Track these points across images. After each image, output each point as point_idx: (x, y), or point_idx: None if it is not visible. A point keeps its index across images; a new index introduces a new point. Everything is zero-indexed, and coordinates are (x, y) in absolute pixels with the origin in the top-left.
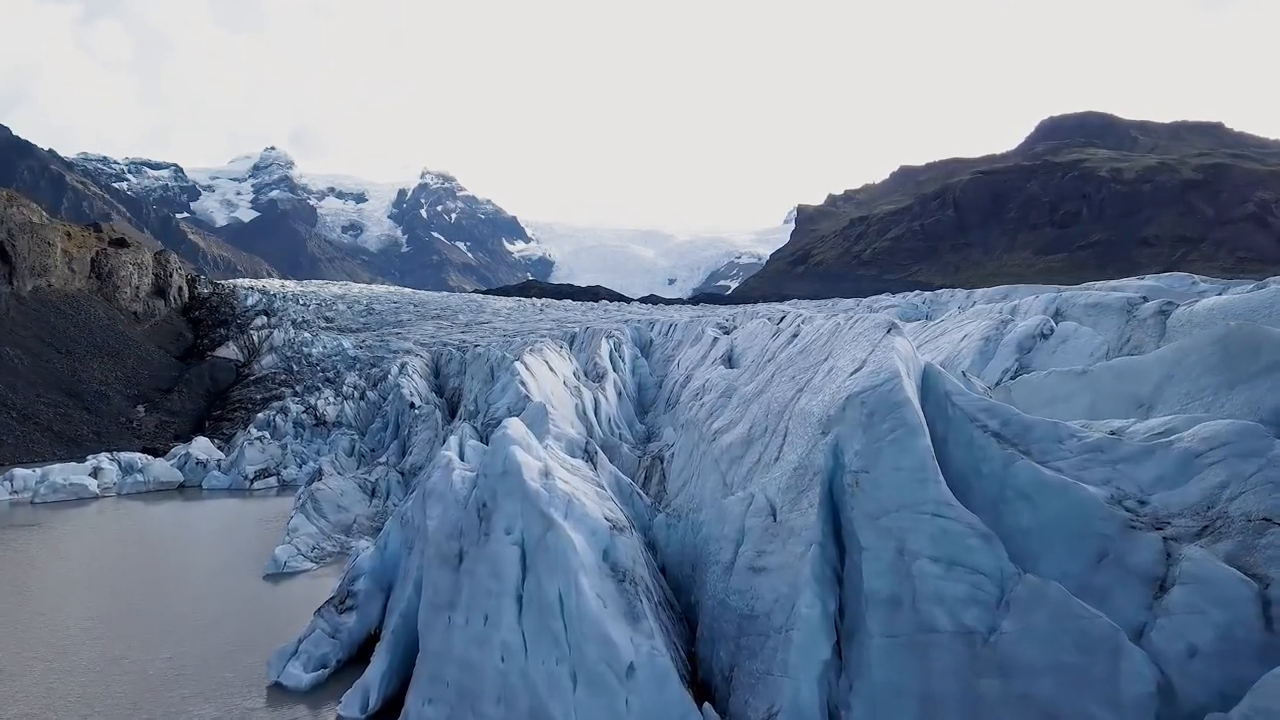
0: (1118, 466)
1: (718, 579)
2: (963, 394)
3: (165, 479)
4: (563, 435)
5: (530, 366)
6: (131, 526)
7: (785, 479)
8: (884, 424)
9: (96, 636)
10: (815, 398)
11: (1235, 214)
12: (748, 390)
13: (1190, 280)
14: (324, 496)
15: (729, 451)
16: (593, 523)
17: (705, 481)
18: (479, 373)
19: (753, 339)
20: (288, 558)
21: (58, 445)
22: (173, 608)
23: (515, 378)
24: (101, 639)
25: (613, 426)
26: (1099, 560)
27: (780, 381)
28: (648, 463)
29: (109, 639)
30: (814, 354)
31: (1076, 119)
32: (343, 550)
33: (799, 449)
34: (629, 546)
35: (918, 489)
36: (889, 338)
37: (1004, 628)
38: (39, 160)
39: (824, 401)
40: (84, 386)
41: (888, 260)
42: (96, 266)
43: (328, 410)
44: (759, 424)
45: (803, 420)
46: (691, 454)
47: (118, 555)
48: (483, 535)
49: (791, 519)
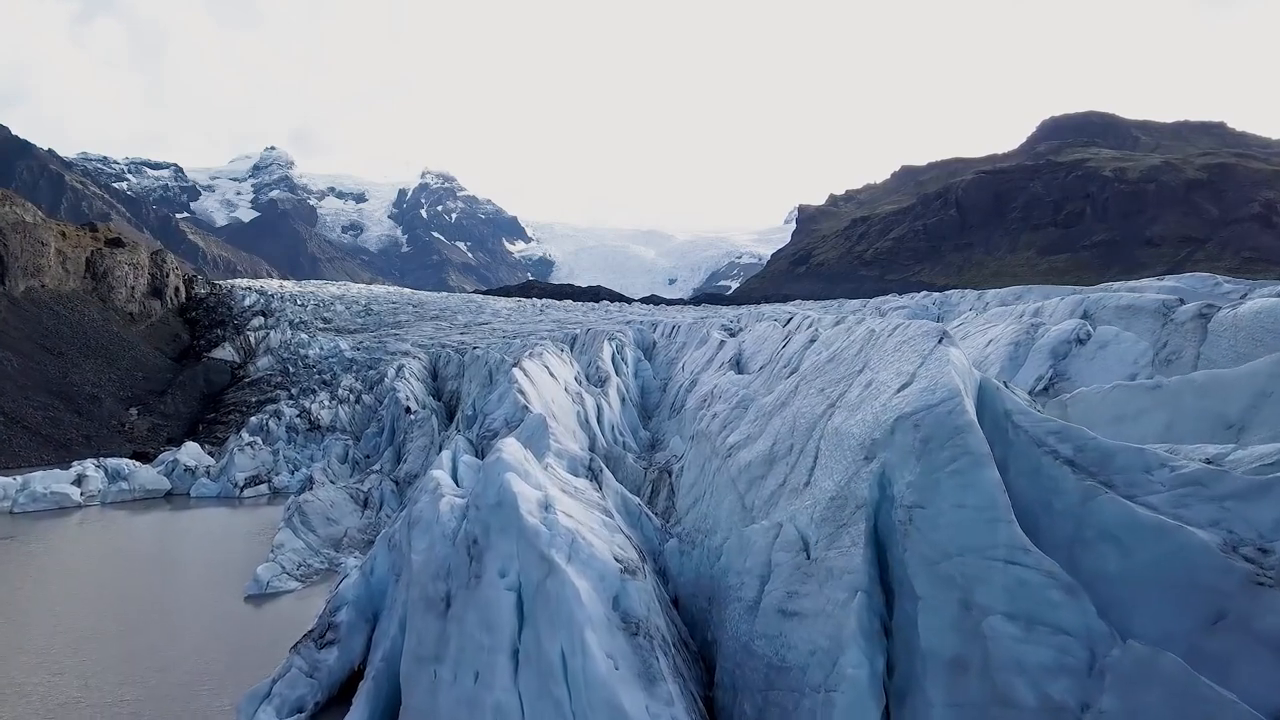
0: (1226, 504)
1: (740, 618)
2: (1026, 413)
3: (152, 487)
4: (564, 451)
5: (529, 372)
6: (110, 540)
7: (820, 509)
8: (942, 451)
9: (54, 673)
10: (853, 416)
11: (1241, 214)
12: (766, 402)
13: (1213, 281)
14: (312, 509)
15: (748, 470)
16: (601, 565)
17: (720, 501)
18: (477, 375)
19: (762, 342)
20: (271, 577)
21: (45, 449)
22: (143, 636)
23: (513, 386)
24: (58, 675)
25: (616, 434)
26: (1214, 622)
27: (807, 394)
28: (654, 475)
29: (66, 675)
30: (846, 364)
31: (1078, 118)
32: (331, 567)
33: (835, 475)
34: (642, 591)
35: (986, 530)
36: (941, 349)
37: (1103, 705)
38: (38, 160)
39: (865, 421)
40: (75, 389)
41: (890, 260)
42: (92, 266)
43: (322, 414)
44: (782, 441)
45: (838, 441)
46: (703, 468)
47: (91, 573)
48: (473, 577)
49: (829, 558)
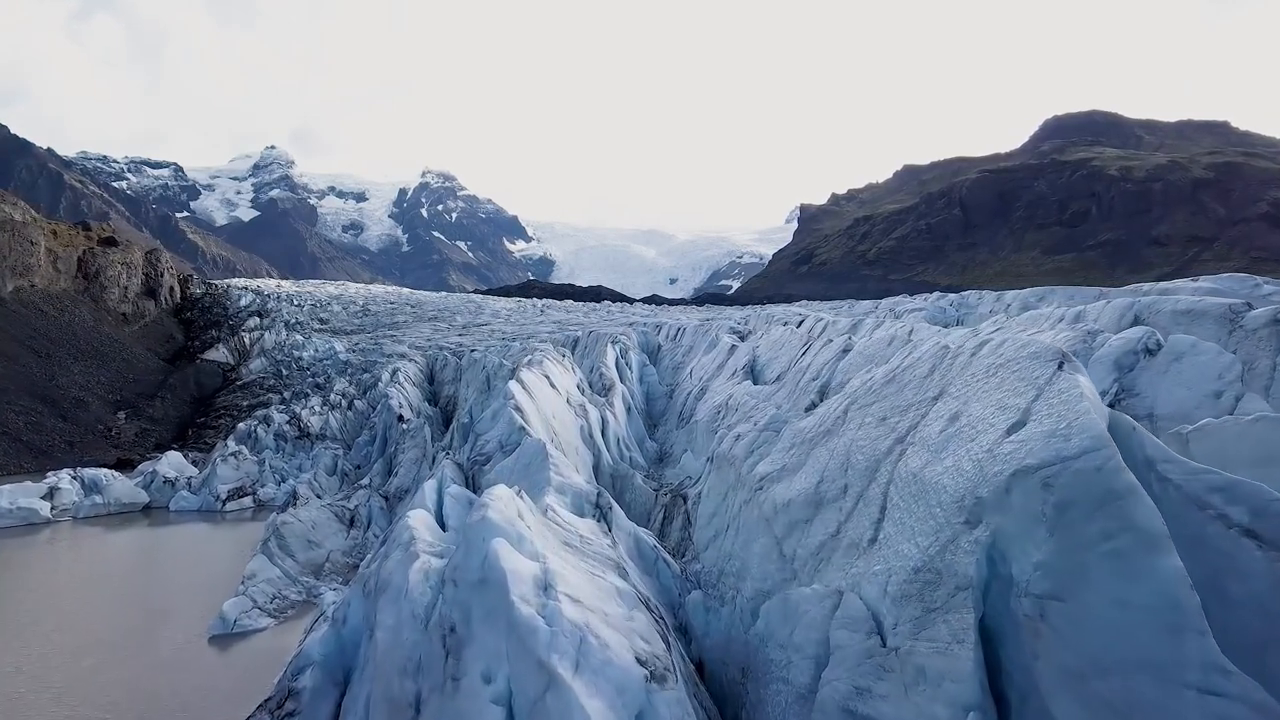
0: None
1: (787, 707)
2: (1177, 462)
3: (128, 500)
4: (567, 486)
5: (528, 385)
6: (72, 562)
7: (899, 581)
8: (1091, 524)
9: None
10: (938, 460)
11: (1248, 213)
12: (805, 426)
13: (1252, 282)
14: (291, 531)
15: (786, 511)
16: (619, 673)
17: (749, 542)
18: (474, 380)
19: (778, 349)
20: (239, 614)
21: (25, 456)
22: (77, 692)
23: (509, 402)
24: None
25: (623, 449)
26: None
27: (862, 422)
28: (667, 500)
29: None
30: (913, 388)
31: (1081, 117)
32: (309, 598)
33: (919, 538)
34: (675, 705)
35: (1167, 642)
36: (1066, 376)
37: None
38: (37, 159)
39: (961, 471)
40: (61, 392)
41: (893, 260)
42: (83, 266)
43: (312, 421)
44: (832, 479)
45: (919, 492)
46: (726, 498)
47: (40, 606)
48: (449, 679)
49: (918, 651)
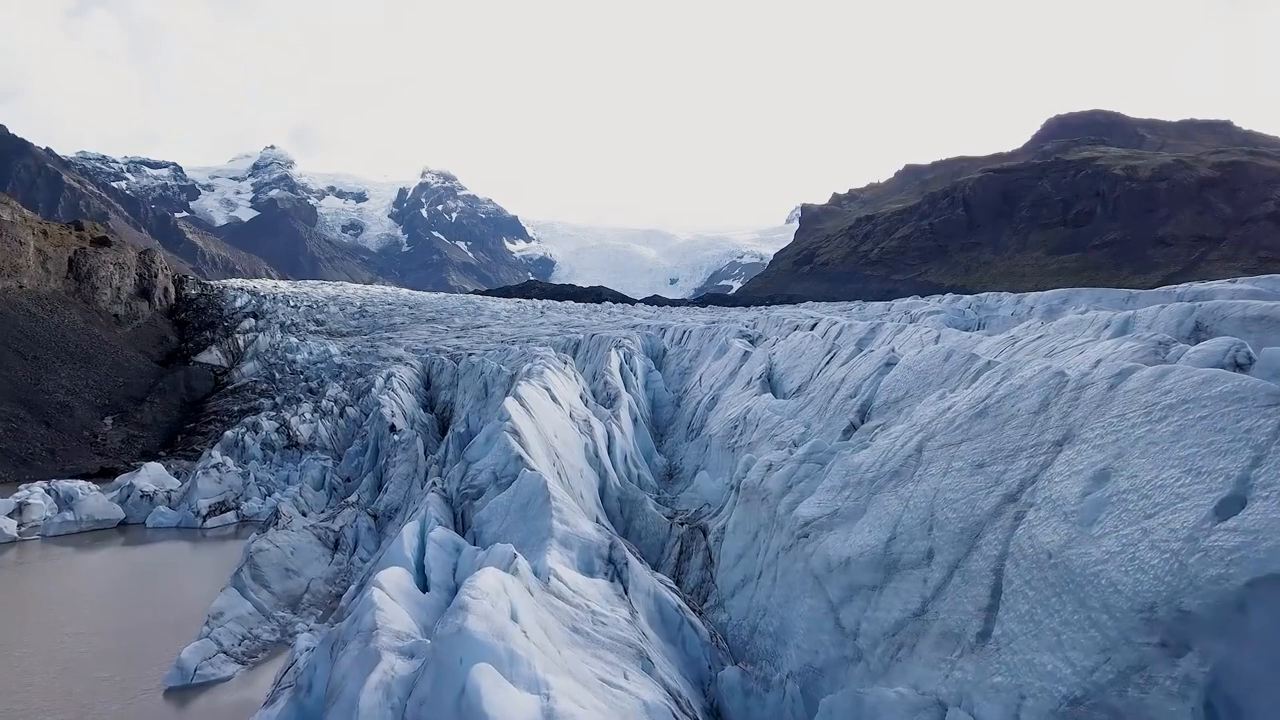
0: None
1: None
2: None
3: (102, 516)
4: (573, 537)
5: (527, 402)
6: (28, 591)
7: (1045, 712)
8: None
9: None
10: (1088, 537)
11: (1255, 212)
12: (862, 463)
13: None
14: (267, 559)
15: (845, 571)
16: None
17: (793, 600)
18: (471, 386)
19: (797, 356)
20: (200, 662)
21: (3, 465)
22: None
23: (505, 425)
24: None
25: (630, 466)
26: None
27: (948, 467)
28: (683, 531)
29: None
30: (1019, 426)
31: (1083, 117)
32: (284, 638)
33: (1068, 649)
34: None
35: None
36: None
37: None
38: (35, 158)
39: (1141, 560)
40: (45, 397)
41: (896, 260)
42: (75, 266)
43: (301, 430)
44: (909, 537)
45: (1060, 579)
46: (757, 538)
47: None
48: None
49: None
